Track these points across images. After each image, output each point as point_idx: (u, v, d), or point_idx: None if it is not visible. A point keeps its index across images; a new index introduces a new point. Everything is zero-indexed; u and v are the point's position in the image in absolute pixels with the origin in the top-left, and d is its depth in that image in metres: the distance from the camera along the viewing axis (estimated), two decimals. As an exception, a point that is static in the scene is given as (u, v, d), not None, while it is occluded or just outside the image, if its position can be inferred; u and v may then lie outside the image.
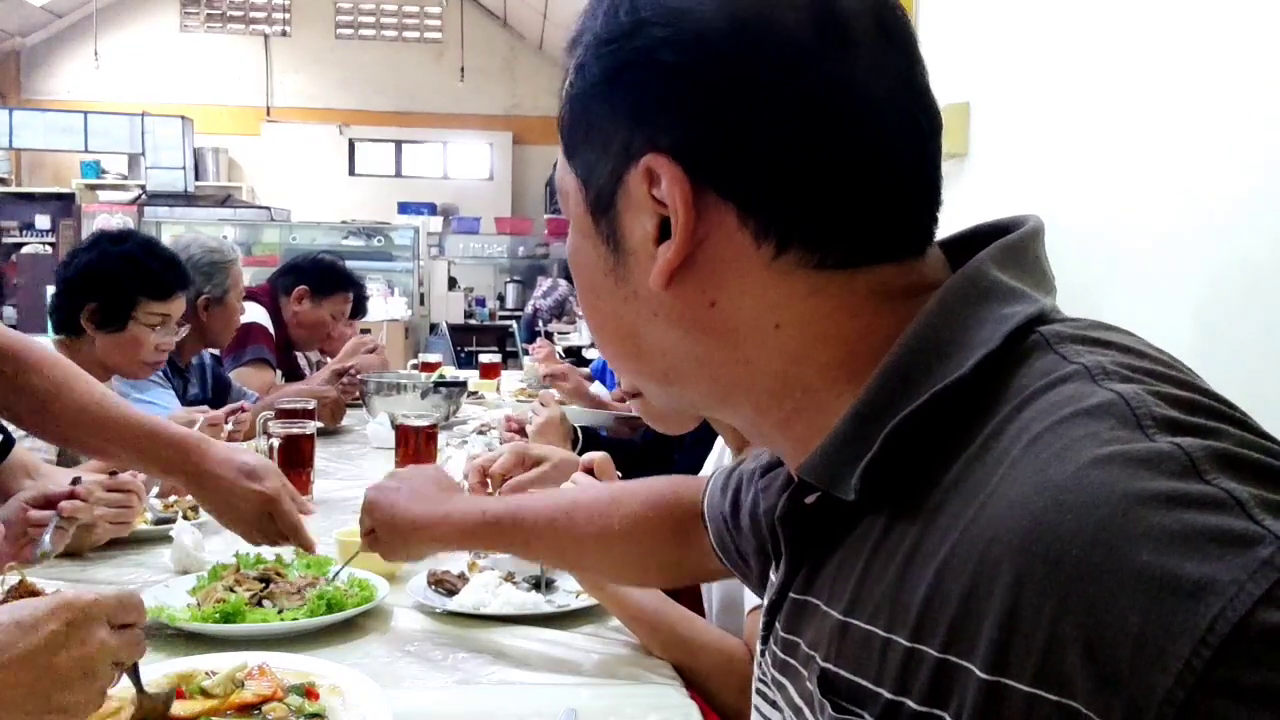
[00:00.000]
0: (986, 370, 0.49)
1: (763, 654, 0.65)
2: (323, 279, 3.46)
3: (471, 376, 4.23)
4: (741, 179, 0.54)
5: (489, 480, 1.62)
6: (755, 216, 0.54)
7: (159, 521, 1.78)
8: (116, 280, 2.28)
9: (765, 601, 0.64)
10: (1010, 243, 0.55)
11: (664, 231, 0.55)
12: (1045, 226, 0.57)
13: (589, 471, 1.43)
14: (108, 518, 1.62)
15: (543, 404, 2.34)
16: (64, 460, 2.03)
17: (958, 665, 0.43)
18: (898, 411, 0.50)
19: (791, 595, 0.59)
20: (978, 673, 0.42)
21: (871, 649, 0.49)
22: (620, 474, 1.57)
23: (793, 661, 0.58)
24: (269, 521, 1.40)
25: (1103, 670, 0.38)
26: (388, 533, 1.21)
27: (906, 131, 0.55)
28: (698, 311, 0.57)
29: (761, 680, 0.66)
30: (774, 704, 0.64)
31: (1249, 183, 1.62)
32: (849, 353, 0.55)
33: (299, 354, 3.64)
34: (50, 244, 9.88)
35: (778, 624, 0.61)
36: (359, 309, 3.68)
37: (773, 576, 0.69)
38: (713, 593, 1.46)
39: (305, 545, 1.43)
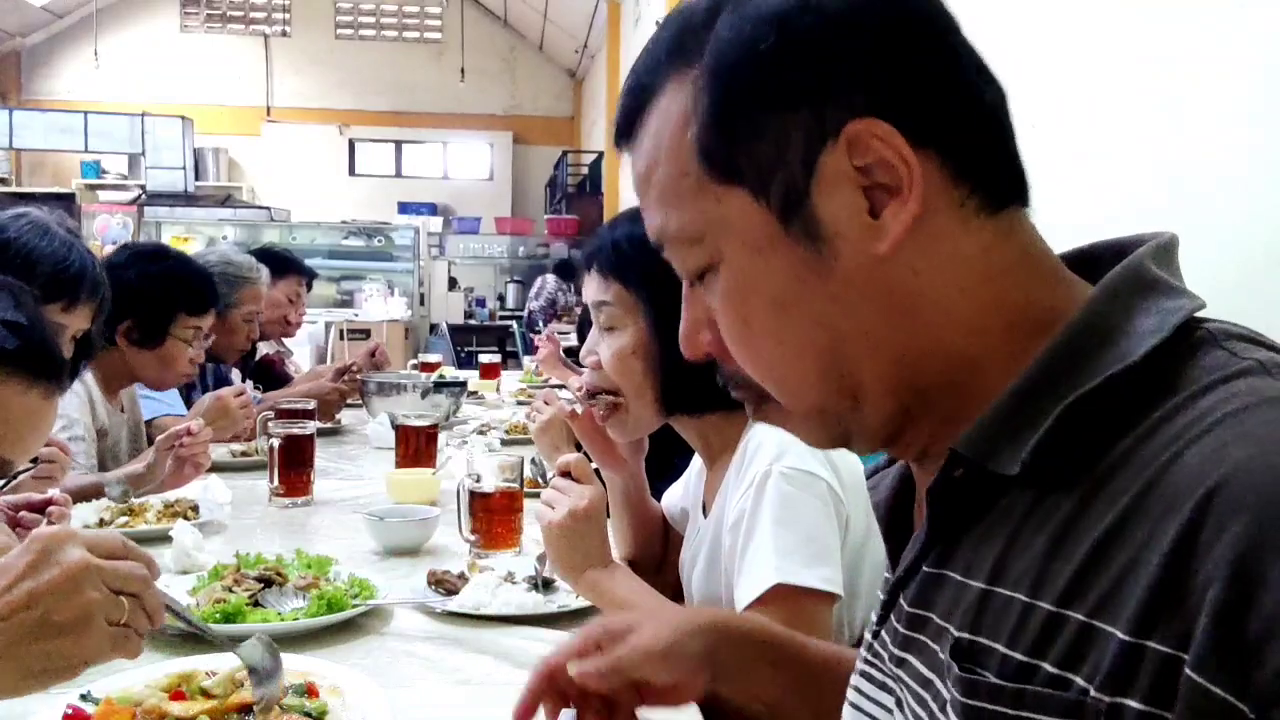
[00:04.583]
0: (1156, 358, 0.51)
1: (876, 634, 0.65)
2: (272, 262, 3.53)
3: (471, 377, 4.23)
4: (939, 120, 0.56)
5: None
6: (954, 157, 0.56)
7: (124, 509, 1.80)
8: (156, 297, 2.35)
9: (890, 579, 0.64)
10: (1164, 243, 0.58)
11: (870, 204, 0.56)
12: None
13: (565, 474, 1.39)
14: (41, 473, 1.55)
15: (546, 402, 2.33)
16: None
17: (1100, 629, 0.45)
18: (1067, 391, 0.51)
19: (925, 569, 0.59)
20: (1119, 634, 0.44)
21: (1009, 614, 0.50)
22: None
23: (920, 636, 0.59)
24: None
25: (1226, 639, 0.40)
26: None
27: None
28: (902, 280, 0.57)
29: (872, 661, 0.66)
30: (882, 685, 0.65)
31: (1246, 184, 1.62)
32: (1013, 323, 0.57)
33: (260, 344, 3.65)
34: (50, 244, 9.87)
35: (903, 600, 0.61)
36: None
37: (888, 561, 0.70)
38: (691, 592, 1.43)
39: None
